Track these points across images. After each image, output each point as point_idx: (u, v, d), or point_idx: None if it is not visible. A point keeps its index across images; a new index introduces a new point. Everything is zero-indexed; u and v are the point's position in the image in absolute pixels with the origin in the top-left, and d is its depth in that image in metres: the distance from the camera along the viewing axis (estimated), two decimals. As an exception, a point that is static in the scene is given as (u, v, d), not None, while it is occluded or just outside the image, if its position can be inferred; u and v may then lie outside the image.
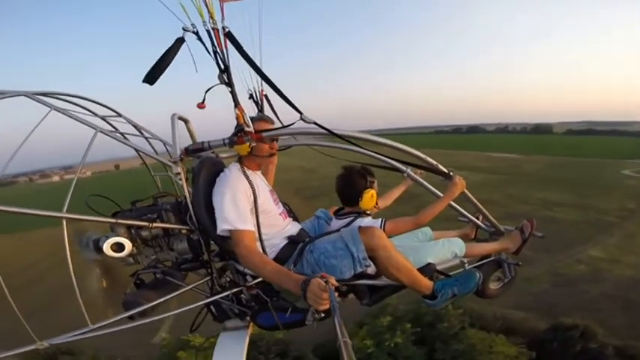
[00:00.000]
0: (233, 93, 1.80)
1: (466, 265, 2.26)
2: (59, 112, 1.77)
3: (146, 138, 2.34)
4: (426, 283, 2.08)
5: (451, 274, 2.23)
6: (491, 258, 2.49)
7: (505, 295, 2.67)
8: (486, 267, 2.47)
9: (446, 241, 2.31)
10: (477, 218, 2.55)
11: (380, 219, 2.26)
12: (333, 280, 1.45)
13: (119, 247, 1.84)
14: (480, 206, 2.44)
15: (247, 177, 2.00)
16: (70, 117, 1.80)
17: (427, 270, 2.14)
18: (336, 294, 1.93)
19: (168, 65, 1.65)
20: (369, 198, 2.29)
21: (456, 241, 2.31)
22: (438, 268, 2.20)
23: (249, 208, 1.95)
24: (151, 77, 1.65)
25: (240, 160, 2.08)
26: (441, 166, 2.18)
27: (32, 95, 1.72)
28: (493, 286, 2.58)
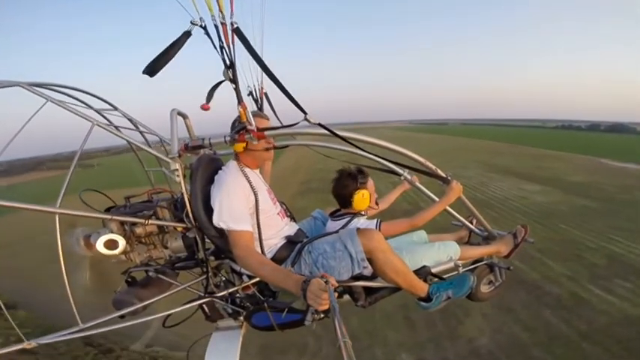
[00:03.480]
0: (237, 90, 1.76)
1: (460, 268, 2.30)
2: (55, 103, 1.70)
3: (141, 132, 2.28)
4: (422, 286, 2.11)
5: (445, 277, 2.27)
6: (484, 261, 2.55)
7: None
8: (479, 270, 2.53)
9: (441, 244, 2.34)
10: (471, 222, 2.60)
11: (375, 220, 2.28)
12: (333, 281, 1.45)
13: (112, 244, 1.78)
14: (474, 210, 2.49)
15: (246, 176, 1.97)
16: (66, 109, 1.73)
17: (422, 272, 2.17)
18: (335, 294, 1.93)
19: (172, 58, 1.60)
20: (360, 198, 2.29)
21: (450, 244, 2.35)
22: (433, 270, 2.23)
23: (248, 208, 1.93)
24: (152, 69, 1.60)
25: (237, 157, 2.04)
26: (439, 171, 2.21)
27: (28, 86, 1.65)
28: (484, 289, 2.64)
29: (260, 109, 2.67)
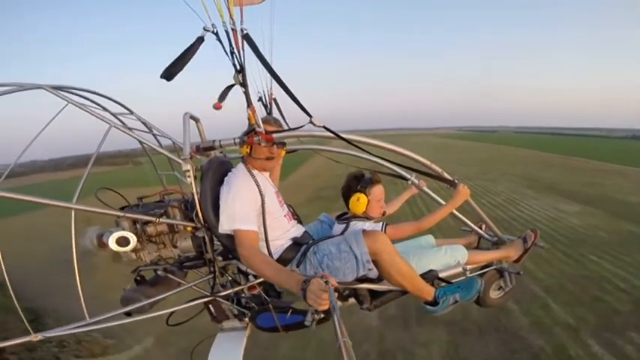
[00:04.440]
0: (247, 93, 1.83)
1: (468, 272, 2.27)
2: (76, 106, 1.79)
3: (154, 135, 2.36)
4: (428, 290, 2.09)
5: (453, 281, 2.24)
6: (493, 266, 2.51)
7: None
8: (488, 275, 2.49)
9: (448, 248, 2.32)
10: (480, 228, 2.59)
11: (381, 222, 2.28)
12: (333, 281, 1.45)
13: (124, 241, 1.84)
14: (483, 215, 2.48)
15: (254, 178, 2.02)
16: (87, 112, 1.83)
17: (429, 276, 2.15)
18: (336, 294, 1.93)
19: (187, 63, 1.68)
20: (355, 201, 2.29)
21: (458, 248, 2.33)
22: (440, 275, 2.21)
23: (255, 209, 1.97)
24: (169, 73, 1.68)
25: (246, 160, 2.10)
26: (446, 174, 2.22)
27: (50, 89, 1.75)
28: (494, 295, 2.60)
29: (269, 114, 2.74)
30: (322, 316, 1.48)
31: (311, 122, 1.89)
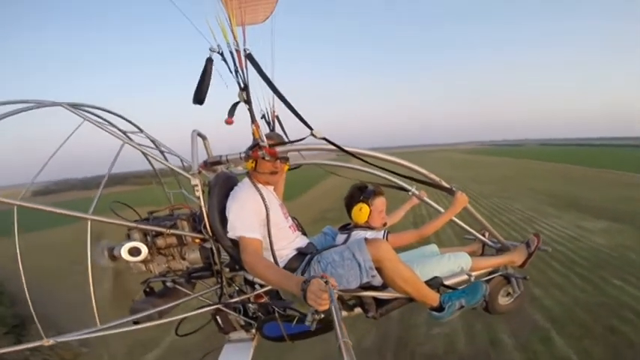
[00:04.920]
0: (251, 110, 1.96)
1: (472, 279, 2.28)
2: (92, 123, 1.93)
3: (162, 152, 2.48)
4: (433, 295, 2.10)
5: (458, 288, 2.25)
6: (499, 272, 2.52)
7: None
8: (495, 282, 2.50)
9: (452, 255, 2.35)
10: (483, 235, 2.61)
11: (382, 230, 2.33)
12: (333, 281, 1.44)
13: (136, 251, 1.92)
14: (485, 222, 2.51)
15: (259, 190, 2.11)
16: (102, 129, 1.96)
17: (434, 283, 2.16)
18: (339, 301, 1.94)
19: (209, 84, 1.84)
20: (357, 211, 2.34)
21: (462, 255, 2.35)
22: (445, 282, 2.22)
23: (259, 219, 2.04)
24: (199, 97, 1.85)
25: (250, 175, 2.20)
26: (443, 182, 2.28)
27: (68, 106, 1.89)
28: (502, 301, 2.59)
29: (272, 130, 2.86)
30: (322, 316, 1.47)
31: (312, 135, 1.99)
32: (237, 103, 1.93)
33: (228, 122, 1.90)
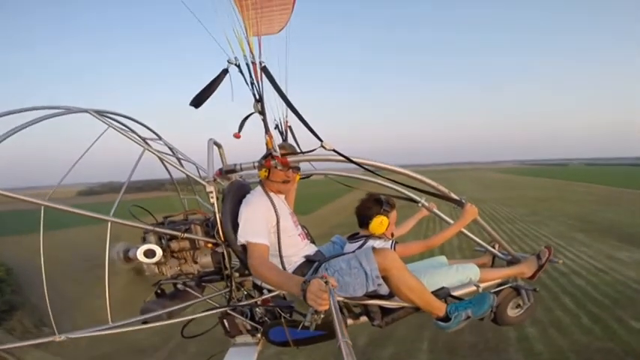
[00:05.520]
0: (265, 121, 2.04)
1: (480, 289, 2.27)
2: (116, 130, 2.04)
3: (179, 159, 2.58)
4: (439, 305, 2.10)
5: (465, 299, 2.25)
6: (508, 284, 2.50)
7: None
8: (504, 293, 2.48)
9: (460, 267, 2.34)
10: (493, 247, 2.60)
11: (390, 241, 2.35)
12: (333, 281, 1.43)
13: (151, 253, 2.00)
14: (495, 234, 2.50)
15: (270, 198, 2.17)
16: (125, 135, 2.07)
17: (441, 294, 2.17)
18: (345, 308, 1.94)
19: (214, 92, 1.92)
20: (379, 223, 2.36)
21: (470, 267, 2.35)
22: (453, 293, 2.22)
23: (269, 226, 2.10)
24: (198, 101, 1.92)
25: (263, 183, 2.27)
26: (452, 194, 2.30)
27: (94, 113, 2.00)
28: (512, 313, 2.56)
29: (285, 141, 2.94)
30: (322, 316, 1.45)
31: (322, 146, 2.05)
32: (247, 117, 2.01)
33: (237, 137, 1.98)
